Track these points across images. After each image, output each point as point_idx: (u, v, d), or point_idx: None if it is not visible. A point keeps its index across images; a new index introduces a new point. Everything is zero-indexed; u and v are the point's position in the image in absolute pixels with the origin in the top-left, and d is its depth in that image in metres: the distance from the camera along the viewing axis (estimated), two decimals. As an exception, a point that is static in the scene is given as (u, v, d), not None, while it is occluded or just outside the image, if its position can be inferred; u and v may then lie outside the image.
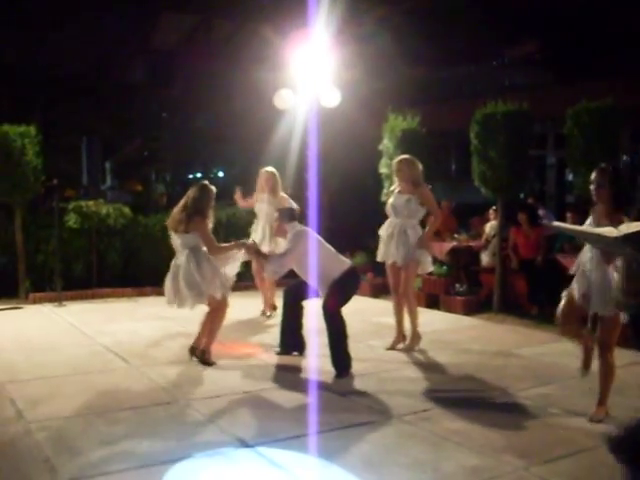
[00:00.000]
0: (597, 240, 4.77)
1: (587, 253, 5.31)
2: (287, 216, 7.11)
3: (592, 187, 5.30)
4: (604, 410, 5.37)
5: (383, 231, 7.86)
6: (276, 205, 8.85)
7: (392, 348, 7.81)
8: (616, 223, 4.75)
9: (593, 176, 5.33)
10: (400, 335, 7.88)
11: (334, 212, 13.32)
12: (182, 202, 6.97)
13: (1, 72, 16.76)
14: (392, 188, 7.99)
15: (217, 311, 7.02)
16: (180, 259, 6.89)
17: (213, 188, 7.08)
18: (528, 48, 16.24)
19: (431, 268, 8.11)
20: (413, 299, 7.86)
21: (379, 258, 7.98)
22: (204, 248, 6.88)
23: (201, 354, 7.00)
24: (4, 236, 11.24)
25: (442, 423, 5.28)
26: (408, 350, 7.68)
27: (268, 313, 9.71)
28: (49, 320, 9.63)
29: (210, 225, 7.01)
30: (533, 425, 5.28)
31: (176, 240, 6.96)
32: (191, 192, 6.99)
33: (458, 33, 16.07)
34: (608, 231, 4.47)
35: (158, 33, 22.14)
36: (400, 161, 7.82)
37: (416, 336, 7.80)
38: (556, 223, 5.12)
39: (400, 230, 7.66)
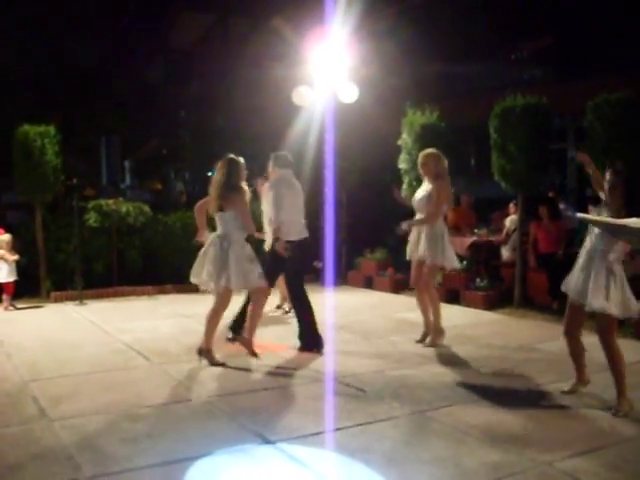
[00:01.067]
0: (622, 231, 4.76)
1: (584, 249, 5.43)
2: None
3: (606, 187, 5.33)
4: (627, 402, 5.33)
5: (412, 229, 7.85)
6: None
7: (421, 341, 7.82)
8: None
9: (607, 177, 5.35)
10: (428, 328, 7.86)
11: (352, 208, 13.29)
12: (214, 180, 6.81)
13: (20, 73, 16.87)
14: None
15: (260, 299, 6.99)
16: (223, 241, 6.70)
17: (241, 159, 6.86)
18: (546, 41, 16.13)
19: (457, 264, 8.00)
20: (434, 293, 7.81)
21: (407, 255, 7.94)
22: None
23: (206, 353, 6.90)
24: (25, 235, 11.32)
25: (463, 418, 5.25)
26: (431, 345, 7.65)
27: (287, 308, 9.63)
28: (70, 319, 9.70)
29: (247, 198, 6.78)
30: (556, 420, 5.25)
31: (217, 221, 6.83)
32: (219, 169, 6.79)
33: (476, 27, 15.98)
34: (634, 222, 4.46)
35: (176, 32, 22.23)
36: (426, 155, 7.80)
37: (439, 331, 7.76)
38: (580, 215, 5.14)
39: (420, 227, 7.65)
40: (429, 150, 7.93)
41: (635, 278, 6.15)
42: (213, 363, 6.81)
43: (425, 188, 7.72)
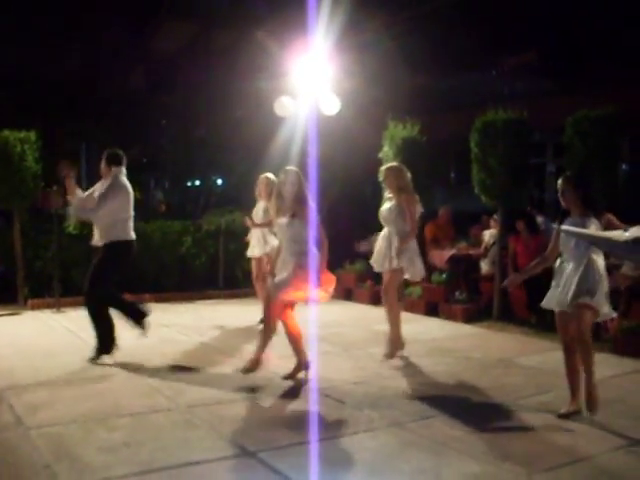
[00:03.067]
0: (606, 243, 4.82)
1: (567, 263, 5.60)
2: None
3: (558, 195, 5.50)
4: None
5: (380, 239, 7.84)
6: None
7: (390, 357, 7.72)
8: (591, 226, 5.10)
9: (558, 184, 5.58)
10: (396, 341, 7.79)
11: (333, 219, 13.30)
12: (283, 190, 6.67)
13: (2, 78, 16.77)
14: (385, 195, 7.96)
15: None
16: None
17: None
18: (528, 57, 16.26)
19: (421, 275, 7.93)
20: (395, 305, 7.70)
21: (375, 267, 7.94)
22: None
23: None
24: (3, 242, 11.23)
25: (443, 430, 5.26)
26: (389, 357, 7.57)
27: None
28: (47, 326, 9.62)
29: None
30: (534, 433, 5.27)
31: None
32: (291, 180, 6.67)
33: (458, 42, 16.08)
34: (617, 235, 4.51)
35: (159, 41, 22.18)
36: (387, 169, 7.84)
37: (397, 342, 7.68)
38: (564, 227, 5.22)
39: (386, 237, 7.66)
40: (389, 164, 8.01)
41: (613, 291, 6.20)
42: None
43: (390, 201, 7.71)
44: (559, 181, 5.63)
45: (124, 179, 7.56)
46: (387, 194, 7.85)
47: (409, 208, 7.57)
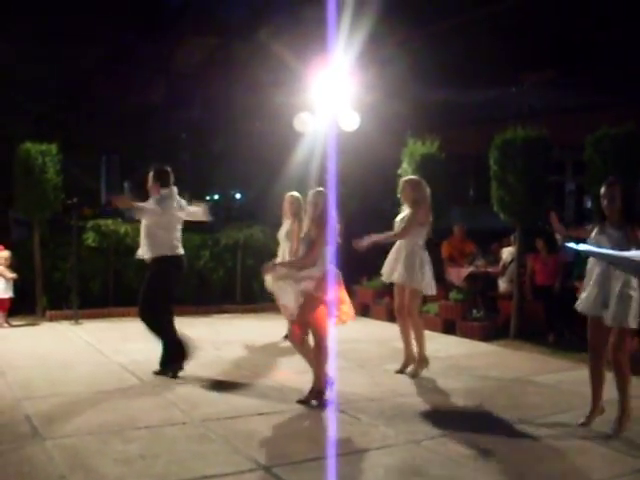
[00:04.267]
0: (626, 264, 4.75)
1: (597, 266, 5.41)
2: None
3: (604, 202, 5.35)
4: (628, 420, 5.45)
5: (391, 252, 7.82)
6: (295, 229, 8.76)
7: (401, 371, 7.74)
8: (622, 236, 4.89)
9: (603, 191, 5.38)
10: (409, 358, 7.78)
11: (352, 235, 13.29)
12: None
13: (23, 91, 16.92)
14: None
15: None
16: None
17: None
18: (548, 74, 16.25)
19: (434, 290, 7.81)
20: (418, 320, 7.71)
21: (383, 278, 7.95)
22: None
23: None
24: (23, 253, 11.31)
25: (458, 449, 5.23)
26: (414, 375, 7.57)
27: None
28: (65, 338, 9.66)
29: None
30: (550, 453, 5.22)
31: None
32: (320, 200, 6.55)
33: (478, 58, 16.10)
34: (636, 255, 4.46)
35: (178, 55, 22.33)
36: (404, 182, 7.83)
37: (422, 360, 7.67)
38: (583, 246, 5.08)
39: (399, 250, 7.64)
40: (408, 177, 8.00)
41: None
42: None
43: (404, 214, 7.71)
44: (605, 186, 5.43)
45: (172, 195, 7.51)
46: (403, 208, 7.83)
47: (411, 217, 7.51)
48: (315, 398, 6.37)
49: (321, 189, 6.76)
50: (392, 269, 7.68)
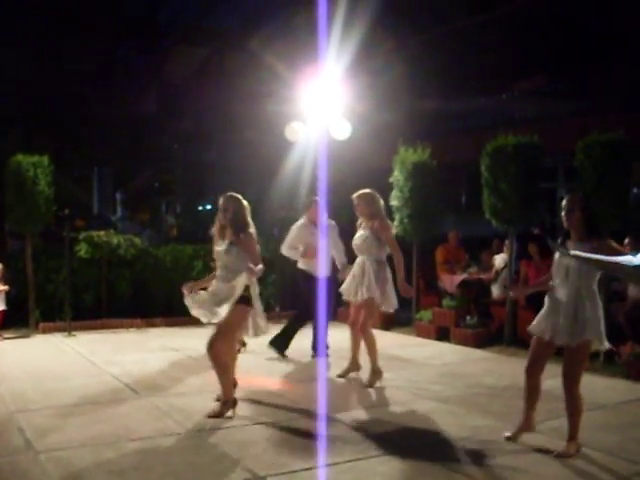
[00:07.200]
0: (616, 269, 4.76)
1: (560, 288, 5.50)
2: None
3: (562, 213, 5.37)
4: (575, 446, 5.31)
5: (353, 268, 7.71)
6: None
7: (343, 376, 7.80)
8: (588, 250, 4.85)
9: (564, 203, 5.41)
10: (354, 364, 7.87)
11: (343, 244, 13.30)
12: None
13: (14, 102, 16.92)
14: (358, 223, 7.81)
15: None
16: None
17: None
18: (538, 81, 16.30)
19: (395, 307, 7.72)
20: (371, 336, 7.57)
21: (344, 296, 7.84)
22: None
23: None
24: (15, 265, 11.27)
25: (453, 456, 5.23)
26: (369, 386, 7.49)
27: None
28: (58, 350, 9.63)
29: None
30: (545, 458, 5.22)
31: None
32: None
33: (469, 66, 16.16)
34: (627, 260, 4.46)
35: (170, 65, 22.37)
36: (358, 196, 7.65)
37: (376, 372, 7.60)
38: (573, 252, 5.07)
39: (359, 266, 7.55)
40: (361, 191, 7.72)
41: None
42: None
43: (364, 229, 7.59)
44: (565, 199, 5.45)
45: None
46: (359, 222, 7.74)
47: (384, 234, 7.46)
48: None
49: (231, 194, 6.63)
50: (356, 287, 7.53)
